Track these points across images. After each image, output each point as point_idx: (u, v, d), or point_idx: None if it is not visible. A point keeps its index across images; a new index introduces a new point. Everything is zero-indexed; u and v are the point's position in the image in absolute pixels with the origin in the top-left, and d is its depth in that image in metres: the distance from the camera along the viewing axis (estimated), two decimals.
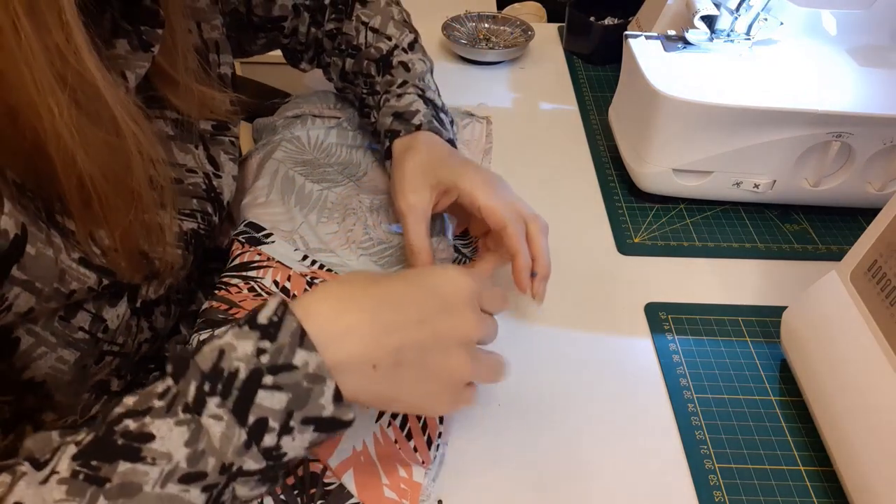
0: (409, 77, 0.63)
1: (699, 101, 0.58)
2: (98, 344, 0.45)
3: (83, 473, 0.31)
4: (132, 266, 0.43)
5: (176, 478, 0.32)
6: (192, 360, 0.33)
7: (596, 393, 0.50)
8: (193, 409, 0.32)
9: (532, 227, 0.51)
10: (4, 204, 0.35)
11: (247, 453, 0.33)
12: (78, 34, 0.34)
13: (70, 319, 0.42)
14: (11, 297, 0.36)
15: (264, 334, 0.34)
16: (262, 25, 0.68)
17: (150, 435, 0.32)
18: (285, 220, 0.60)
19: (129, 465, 0.31)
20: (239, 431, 0.33)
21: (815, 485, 0.44)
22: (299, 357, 0.33)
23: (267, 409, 0.33)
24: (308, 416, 0.34)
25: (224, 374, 0.33)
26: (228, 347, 0.33)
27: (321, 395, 0.34)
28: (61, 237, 0.39)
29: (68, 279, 0.39)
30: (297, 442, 0.34)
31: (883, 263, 0.43)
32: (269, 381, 0.33)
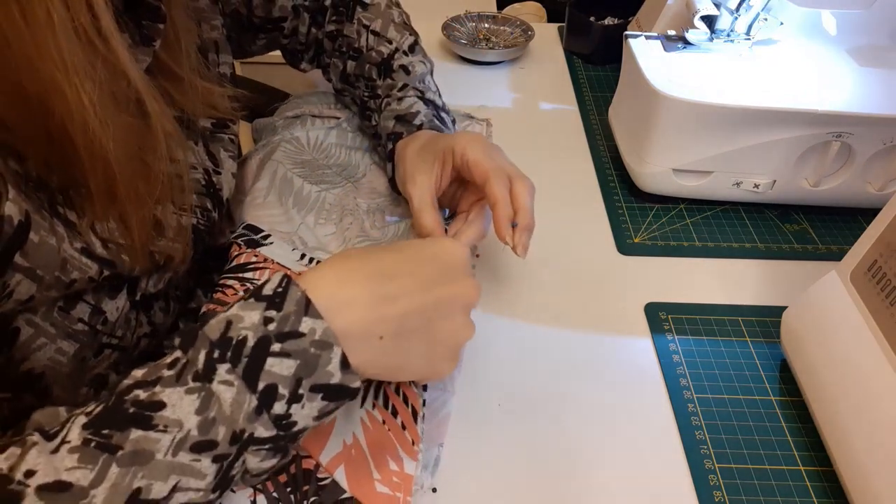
0: (409, 80, 0.63)
1: (699, 101, 0.58)
2: (97, 336, 0.45)
3: (95, 441, 0.31)
4: (143, 255, 0.44)
5: (187, 446, 0.32)
6: (201, 331, 0.34)
7: (596, 393, 0.50)
8: (203, 377, 0.33)
9: (517, 183, 0.51)
10: (9, 190, 0.35)
11: (258, 420, 0.33)
12: (105, 15, 0.35)
13: (70, 311, 0.43)
14: (13, 283, 0.37)
15: (270, 304, 0.34)
16: (262, 26, 0.69)
17: (161, 403, 0.32)
18: (283, 222, 0.60)
19: (140, 433, 0.32)
20: (249, 397, 0.33)
21: (815, 485, 0.44)
22: (305, 324, 0.34)
23: (276, 375, 0.33)
24: (317, 384, 0.34)
25: (233, 343, 0.33)
26: (235, 318, 0.34)
27: (329, 361, 0.34)
28: (64, 227, 0.39)
29: (69, 268, 0.39)
30: (306, 410, 0.35)
31: (883, 263, 0.43)
32: (277, 347, 0.34)
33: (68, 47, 0.34)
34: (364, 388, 0.46)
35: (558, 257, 0.61)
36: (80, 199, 0.41)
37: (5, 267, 0.36)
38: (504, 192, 0.50)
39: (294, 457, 0.43)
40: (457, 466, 0.45)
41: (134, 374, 0.34)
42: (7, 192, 0.35)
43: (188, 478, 0.32)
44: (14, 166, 0.36)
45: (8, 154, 0.36)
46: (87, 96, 0.35)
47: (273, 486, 0.42)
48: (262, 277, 0.55)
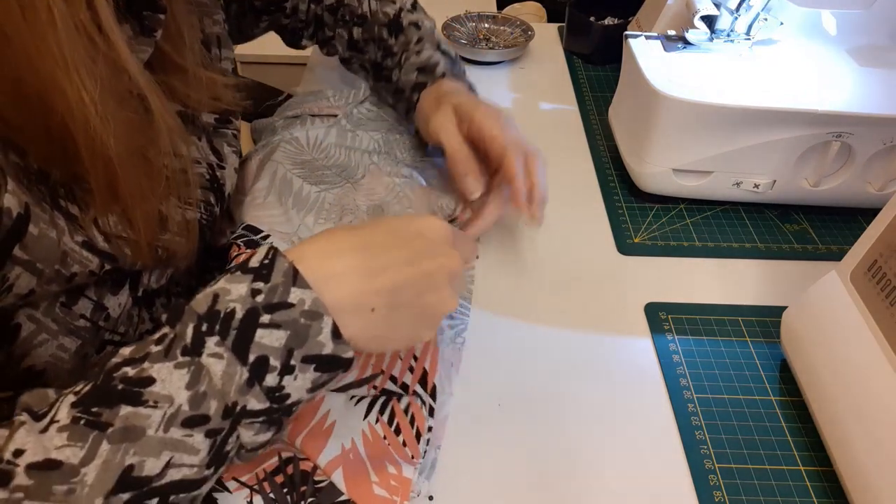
0: (422, 34, 0.67)
1: (699, 101, 0.58)
2: (99, 332, 0.45)
3: (84, 419, 0.31)
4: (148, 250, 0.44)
5: (179, 421, 0.32)
6: (187, 305, 0.34)
7: (596, 393, 0.50)
8: (192, 351, 0.33)
9: (531, 158, 0.56)
10: (7, 182, 0.35)
11: (249, 391, 0.33)
12: (105, 11, 0.35)
13: (72, 306, 0.42)
14: (12, 277, 0.36)
15: (257, 276, 0.34)
16: (265, 8, 0.71)
17: (151, 378, 0.32)
18: (283, 222, 0.60)
19: (130, 409, 0.31)
20: (240, 369, 0.33)
21: (815, 485, 0.44)
22: (294, 295, 0.34)
23: (267, 346, 0.33)
24: (308, 354, 0.34)
25: (221, 315, 0.33)
26: (222, 291, 0.34)
27: (319, 331, 0.34)
28: (65, 220, 0.39)
29: (70, 262, 0.39)
30: (299, 382, 0.34)
31: (883, 263, 0.43)
32: (266, 319, 0.33)
33: (68, 44, 0.34)
34: (370, 401, 0.46)
35: (558, 257, 0.61)
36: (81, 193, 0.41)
37: (4, 259, 0.36)
38: (520, 167, 0.55)
39: (291, 458, 0.43)
40: (457, 466, 0.45)
41: (122, 352, 0.34)
42: (6, 185, 0.35)
43: (181, 454, 0.32)
44: (15, 159, 0.36)
45: (8, 147, 0.36)
46: (88, 94, 0.35)
47: (270, 487, 0.41)
48: None
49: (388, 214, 0.62)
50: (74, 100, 0.35)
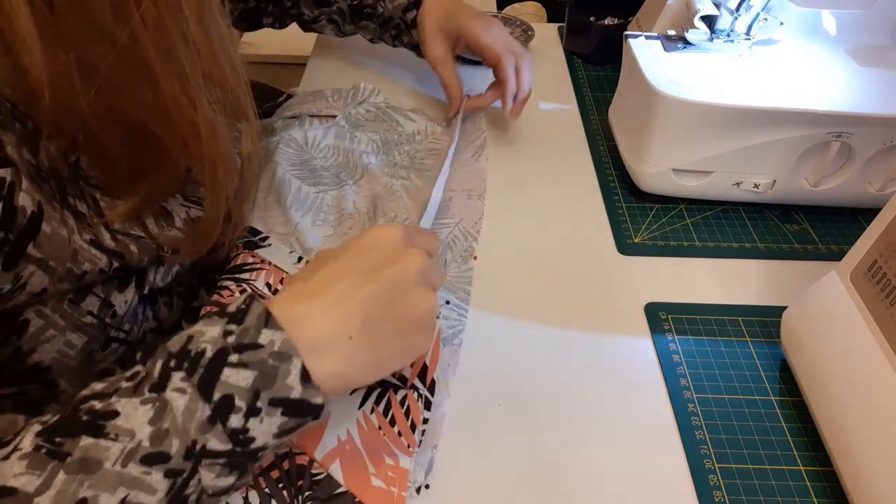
0: None
1: (699, 101, 0.58)
2: (105, 329, 0.45)
3: (45, 448, 0.31)
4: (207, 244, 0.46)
5: (138, 457, 0.31)
6: (162, 345, 0.34)
7: (596, 393, 0.50)
8: (158, 387, 0.32)
9: (520, 61, 0.70)
10: (22, 181, 0.35)
11: (210, 430, 0.32)
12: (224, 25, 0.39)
13: (79, 303, 0.43)
14: (26, 275, 0.37)
15: (232, 319, 0.35)
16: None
17: (115, 412, 0.32)
18: (282, 223, 0.60)
19: (90, 440, 0.31)
20: (203, 405, 0.32)
21: (815, 485, 0.44)
22: (265, 336, 0.34)
23: (232, 385, 0.33)
24: (275, 397, 0.33)
25: (191, 354, 0.33)
26: (197, 333, 0.34)
27: (287, 374, 0.34)
28: (74, 218, 0.39)
29: (81, 259, 0.40)
30: (265, 426, 0.34)
31: (883, 263, 0.43)
32: (234, 358, 0.33)
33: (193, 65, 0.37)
34: (365, 391, 0.46)
35: (558, 257, 0.61)
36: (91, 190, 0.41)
37: (19, 258, 0.36)
38: (512, 72, 0.69)
39: (287, 454, 0.43)
40: (456, 466, 0.45)
41: (93, 386, 0.34)
42: (21, 183, 0.35)
43: (137, 491, 0.31)
44: (28, 157, 0.36)
45: (23, 144, 0.36)
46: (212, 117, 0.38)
47: (265, 482, 0.42)
48: (257, 278, 0.55)
49: (385, 214, 0.62)
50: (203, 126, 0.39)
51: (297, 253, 0.58)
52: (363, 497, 0.41)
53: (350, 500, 0.41)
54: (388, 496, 0.41)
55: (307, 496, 0.41)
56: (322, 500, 0.41)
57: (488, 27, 0.70)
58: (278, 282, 0.55)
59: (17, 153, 0.35)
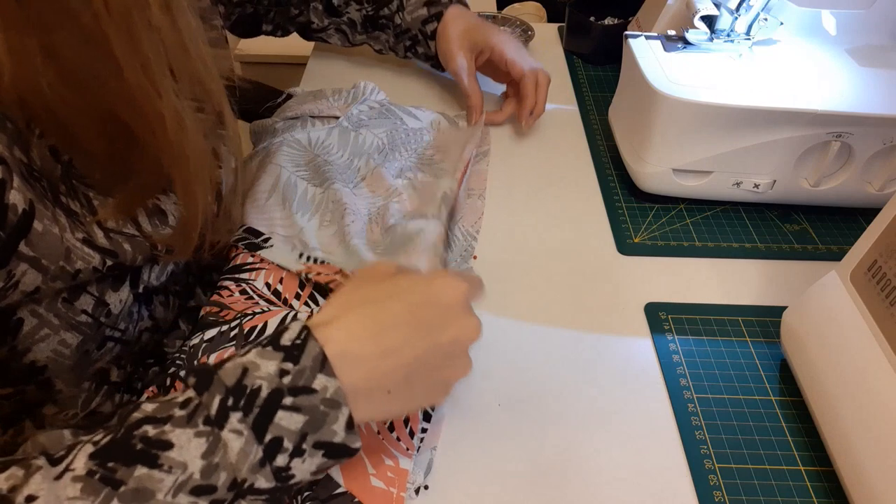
0: None
1: (699, 101, 0.58)
2: (100, 328, 0.45)
3: (99, 473, 0.31)
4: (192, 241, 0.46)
5: (188, 488, 0.32)
6: (216, 374, 0.34)
7: (596, 393, 0.50)
8: (215, 423, 0.33)
9: (542, 77, 0.72)
10: (14, 179, 0.35)
11: (260, 471, 0.33)
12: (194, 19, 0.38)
13: (73, 302, 0.43)
14: (19, 273, 0.37)
15: (288, 356, 0.35)
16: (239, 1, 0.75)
17: (169, 443, 0.32)
18: (286, 226, 0.60)
19: (145, 471, 0.32)
20: (256, 448, 0.33)
21: (815, 485, 0.44)
22: (319, 381, 0.34)
23: (284, 428, 0.34)
24: (320, 441, 0.35)
25: (247, 391, 0.34)
26: (252, 366, 0.34)
27: (335, 420, 0.35)
28: (66, 217, 0.39)
29: (73, 258, 0.40)
30: (305, 465, 0.35)
31: (883, 263, 0.43)
32: (288, 401, 0.34)
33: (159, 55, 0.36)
34: None
35: (558, 257, 0.61)
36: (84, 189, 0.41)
37: (10, 255, 0.36)
38: (533, 89, 0.72)
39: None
40: (456, 466, 0.45)
41: (144, 408, 0.34)
42: (12, 181, 0.35)
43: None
44: (19, 155, 0.37)
45: (15, 142, 0.36)
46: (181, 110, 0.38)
47: None
48: (257, 278, 0.55)
49: (388, 215, 0.62)
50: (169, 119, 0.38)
51: (298, 250, 0.57)
52: (362, 497, 0.41)
53: (349, 500, 0.41)
54: (388, 496, 0.41)
55: (307, 496, 0.41)
56: (321, 501, 0.41)
57: (512, 43, 0.73)
58: (277, 281, 0.55)
59: (9, 152, 0.35)
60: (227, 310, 0.52)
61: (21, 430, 0.47)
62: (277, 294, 0.54)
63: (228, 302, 0.53)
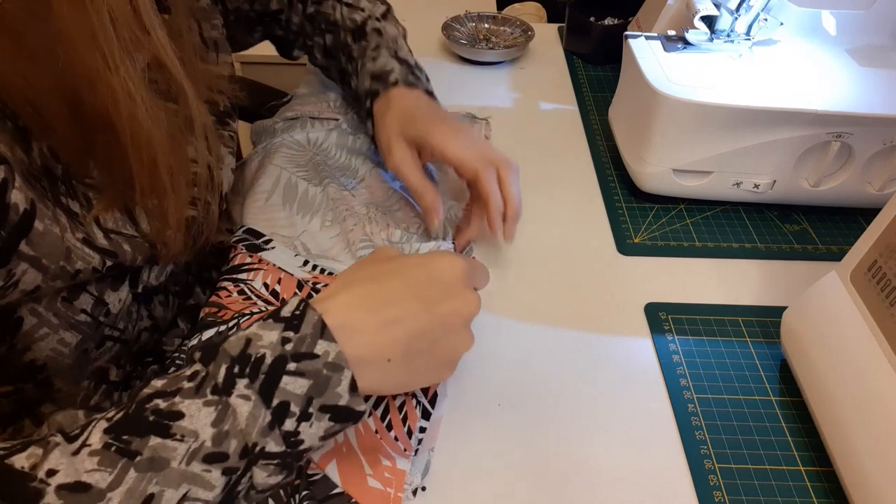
0: (381, 41, 0.65)
1: (699, 101, 0.58)
2: (99, 328, 0.46)
3: (115, 446, 0.32)
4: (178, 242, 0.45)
5: (200, 456, 0.33)
6: (221, 346, 0.35)
7: (596, 393, 0.50)
8: (223, 391, 0.34)
9: (503, 171, 0.55)
10: (16, 178, 0.35)
11: (270, 434, 0.34)
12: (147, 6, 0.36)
13: (73, 301, 0.43)
14: (19, 272, 0.37)
15: (288, 325, 0.36)
16: (259, 18, 0.71)
17: (180, 413, 0.33)
18: (286, 226, 0.60)
19: (159, 440, 0.32)
20: (264, 412, 0.34)
21: (815, 485, 0.44)
22: (320, 346, 0.36)
23: (290, 393, 0.35)
24: (326, 404, 0.36)
25: (252, 359, 0.35)
26: (255, 336, 0.35)
27: (338, 383, 0.36)
28: (66, 217, 0.39)
29: (74, 258, 0.40)
30: (313, 429, 0.36)
31: (883, 263, 0.43)
32: (292, 367, 0.35)
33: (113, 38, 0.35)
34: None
35: (558, 257, 0.61)
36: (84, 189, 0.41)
37: (10, 255, 0.36)
38: (494, 187, 0.54)
39: None
40: (456, 466, 0.45)
41: (153, 384, 0.35)
42: (14, 180, 0.35)
43: (197, 488, 0.33)
44: (20, 155, 0.37)
45: (16, 142, 0.36)
46: (133, 85, 0.36)
47: None
48: (255, 278, 0.55)
49: (388, 217, 0.62)
50: (120, 92, 0.36)
51: (302, 256, 0.57)
52: (359, 498, 0.41)
53: (346, 500, 0.41)
54: (385, 497, 0.41)
55: (304, 496, 0.41)
56: (318, 501, 0.41)
57: (457, 135, 0.56)
58: (276, 282, 0.55)
59: (10, 151, 0.36)
60: (224, 310, 0.52)
61: (20, 428, 0.47)
62: (276, 295, 0.54)
63: (227, 302, 0.53)
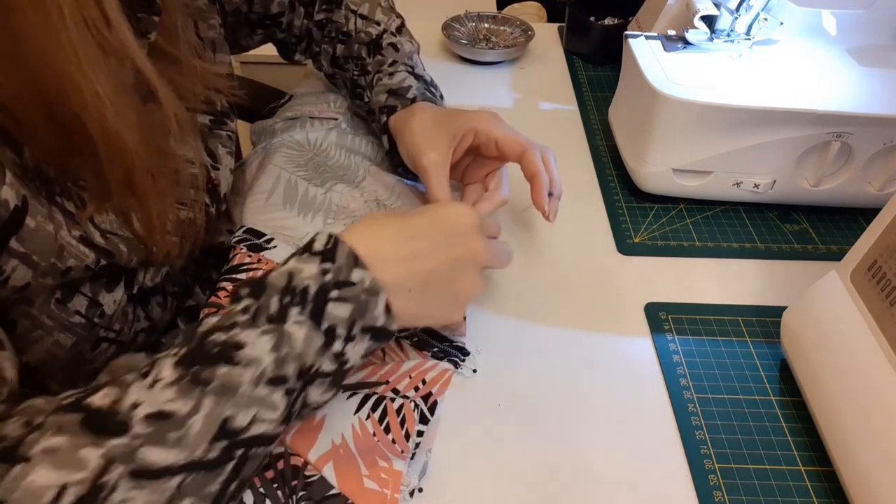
0: (399, 57, 0.66)
1: (699, 101, 0.58)
2: (94, 329, 0.45)
3: (188, 376, 0.34)
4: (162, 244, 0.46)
5: (265, 380, 0.35)
6: (267, 281, 0.38)
7: (596, 393, 0.50)
8: (277, 319, 0.37)
9: (546, 153, 0.57)
10: (6, 175, 0.35)
11: (324, 355, 0.38)
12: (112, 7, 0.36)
13: (67, 303, 0.43)
14: (9, 269, 0.37)
15: (325, 258, 0.39)
16: (260, 21, 0.70)
17: (241, 343, 0.36)
18: (288, 227, 0.60)
19: (226, 368, 0.35)
20: (318, 335, 0.37)
21: (815, 485, 0.44)
22: (356, 275, 0.39)
23: (336, 317, 0.38)
24: (366, 325, 0.39)
25: (298, 290, 0.37)
26: (296, 270, 0.38)
27: (376, 306, 0.39)
28: (63, 215, 0.39)
29: (66, 256, 0.40)
30: (357, 349, 0.39)
31: (883, 263, 0.43)
32: (335, 294, 0.38)
33: (80, 41, 0.35)
34: (362, 397, 0.46)
35: (558, 257, 0.61)
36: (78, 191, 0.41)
37: (0, 251, 0.36)
38: (541, 164, 0.56)
39: (282, 454, 0.43)
40: (456, 467, 0.45)
41: (207, 322, 0.37)
42: (4, 177, 0.35)
43: (264, 410, 0.36)
44: (11, 156, 0.37)
45: (5, 144, 0.36)
46: (102, 88, 0.36)
47: (259, 482, 0.42)
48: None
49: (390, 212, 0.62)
50: (89, 95, 0.36)
51: None
52: (356, 499, 0.41)
53: (343, 501, 0.41)
54: (381, 498, 0.41)
55: (301, 496, 0.41)
56: (315, 502, 0.41)
57: (499, 120, 0.57)
58: None
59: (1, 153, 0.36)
60: (222, 310, 0.52)
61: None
62: None
63: (225, 302, 0.53)
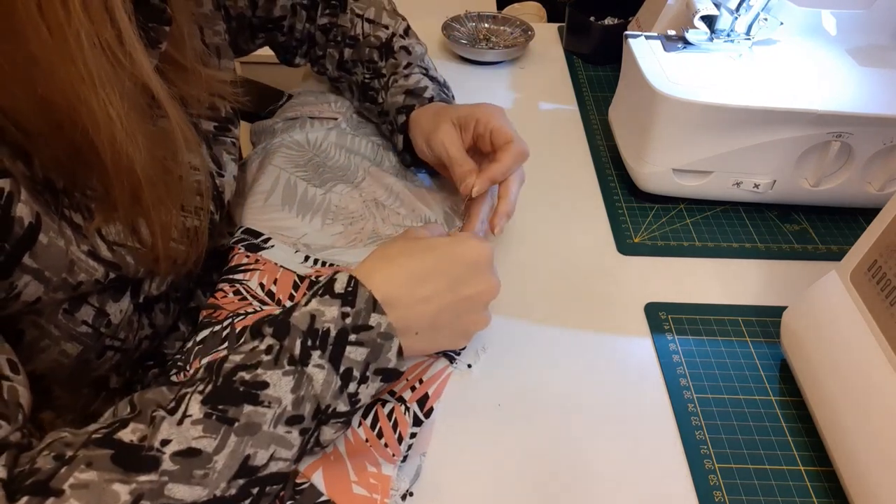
0: (412, 59, 0.67)
1: (699, 101, 0.58)
2: (100, 338, 0.45)
3: (215, 415, 0.36)
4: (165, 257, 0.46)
5: (284, 420, 0.37)
6: (290, 322, 0.39)
7: (596, 393, 0.50)
8: (300, 361, 0.38)
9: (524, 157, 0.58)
10: (21, 192, 0.35)
11: (340, 397, 0.40)
12: (128, 29, 0.36)
13: (74, 313, 0.43)
14: (21, 285, 0.37)
15: (345, 301, 0.40)
16: (262, 25, 0.70)
17: (265, 383, 0.37)
18: (287, 227, 0.60)
19: (251, 408, 0.36)
20: (336, 378, 0.39)
21: (815, 485, 0.44)
22: (374, 319, 0.41)
23: (352, 360, 0.40)
24: (379, 368, 0.41)
25: (319, 333, 0.39)
26: (318, 312, 0.40)
27: (389, 350, 0.41)
28: (71, 229, 0.39)
29: (77, 270, 0.40)
30: (368, 390, 0.41)
31: (883, 263, 0.43)
32: (353, 338, 0.40)
33: (94, 62, 0.35)
34: None
35: (558, 257, 0.61)
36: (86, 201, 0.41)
37: (13, 268, 0.36)
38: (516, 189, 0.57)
39: None
40: (456, 467, 0.45)
41: (232, 359, 0.38)
42: (20, 194, 0.35)
43: (281, 448, 0.37)
44: (22, 169, 0.37)
45: (17, 156, 0.36)
46: (114, 109, 0.37)
47: None
48: (251, 278, 0.55)
49: (390, 212, 0.62)
50: (101, 116, 0.36)
51: (303, 253, 0.57)
52: None
53: None
54: (370, 503, 0.41)
55: None
56: None
57: (500, 112, 0.59)
58: (272, 282, 0.55)
59: (13, 165, 0.35)
60: (220, 310, 0.52)
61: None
62: (271, 295, 0.54)
63: (223, 303, 0.53)
